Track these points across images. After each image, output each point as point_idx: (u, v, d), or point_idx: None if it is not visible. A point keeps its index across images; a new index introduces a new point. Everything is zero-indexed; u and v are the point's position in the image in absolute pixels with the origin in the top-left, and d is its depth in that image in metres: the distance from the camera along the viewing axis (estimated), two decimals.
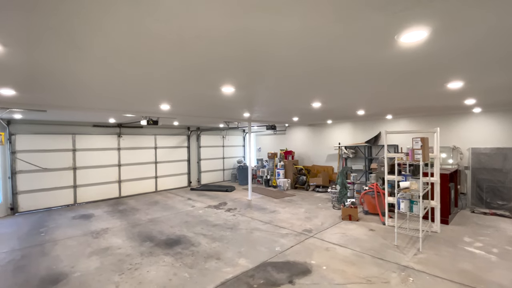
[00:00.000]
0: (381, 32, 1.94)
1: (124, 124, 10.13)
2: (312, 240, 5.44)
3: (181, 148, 12.18)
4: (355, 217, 6.68)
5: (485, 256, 4.59)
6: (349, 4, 1.56)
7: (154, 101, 4.99)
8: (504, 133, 7.31)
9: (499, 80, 3.66)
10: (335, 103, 5.67)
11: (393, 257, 4.58)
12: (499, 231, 5.74)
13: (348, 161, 10.64)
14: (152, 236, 5.90)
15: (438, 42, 2.14)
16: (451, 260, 4.45)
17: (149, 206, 8.71)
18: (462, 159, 7.89)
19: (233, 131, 14.33)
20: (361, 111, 7.33)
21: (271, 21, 1.78)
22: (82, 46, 2.15)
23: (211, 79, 3.30)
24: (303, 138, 12.58)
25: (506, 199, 6.95)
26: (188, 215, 7.50)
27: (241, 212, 7.67)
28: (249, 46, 2.21)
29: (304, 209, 7.92)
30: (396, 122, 9.45)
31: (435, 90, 4.34)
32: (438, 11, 1.65)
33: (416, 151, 4.77)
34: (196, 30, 1.89)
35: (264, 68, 2.88)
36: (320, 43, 2.16)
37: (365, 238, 5.48)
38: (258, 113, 7.38)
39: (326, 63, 2.74)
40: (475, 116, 7.79)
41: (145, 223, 6.86)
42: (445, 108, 6.82)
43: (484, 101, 5.71)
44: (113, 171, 10.10)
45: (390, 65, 2.82)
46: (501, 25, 1.88)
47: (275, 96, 4.67)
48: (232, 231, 6.08)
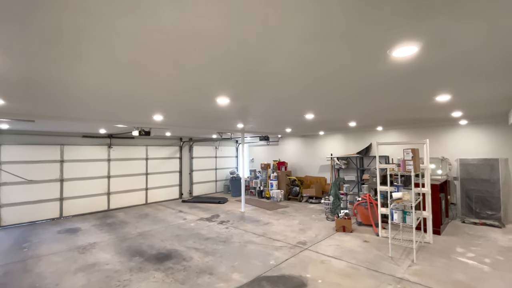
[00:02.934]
0: (375, 47, 2.00)
1: (115, 134, 9.96)
2: (307, 253, 5.36)
3: (173, 159, 12.02)
4: (349, 228, 6.66)
5: (478, 266, 4.62)
6: (345, 19, 1.61)
7: (147, 112, 4.95)
8: (490, 145, 7.55)
9: (484, 93, 3.81)
10: (328, 114, 5.75)
11: (388, 269, 4.55)
12: (490, 241, 5.82)
13: (341, 172, 10.72)
14: (142, 251, 5.69)
15: (427, 56, 2.23)
16: (445, 271, 4.46)
17: (139, 219, 8.46)
18: (451, 170, 8.06)
19: (226, 142, 14.28)
20: (352, 123, 7.46)
21: (268, 34, 1.81)
22: (77, 57, 2.13)
23: (207, 90, 3.30)
24: (296, 149, 12.64)
25: (494, 209, 7.09)
26: (180, 228, 7.31)
27: (234, 225, 7.54)
28: (246, 58, 2.23)
29: (297, 221, 7.85)
30: (387, 133, 9.64)
31: (425, 103, 4.47)
32: (427, 28, 1.72)
33: (407, 162, 4.85)
34: (193, 42, 1.90)
35: (260, 79, 2.90)
36: (315, 56, 2.21)
37: (359, 250, 5.45)
38: (252, 124, 7.41)
39: (321, 76, 2.80)
40: (462, 128, 8.04)
41: (134, 237, 6.64)
42: (434, 120, 7.02)
43: (470, 114, 5.91)
44: (102, 183, 9.83)
45: (382, 78, 2.89)
46: (486, 41, 1.97)
47: (269, 107, 4.70)
48: (225, 245, 5.94)
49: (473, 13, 1.57)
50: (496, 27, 1.75)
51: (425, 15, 1.56)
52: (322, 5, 1.46)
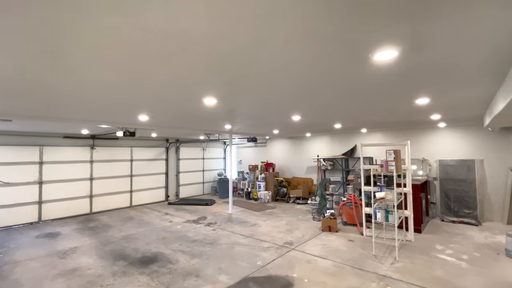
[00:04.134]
0: (357, 50, 2.07)
1: (98, 135, 9.68)
2: (294, 253, 5.41)
3: (159, 161, 11.81)
4: (334, 228, 6.78)
5: (456, 262, 4.82)
6: (328, 22, 1.66)
7: (132, 112, 4.85)
8: (467, 146, 7.92)
9: (460, 97, 4.01)
10: (314, 116, 5.85)
11: (371, 267, 4.67)
12: (467, 239, 6.09)
13: (327, 173, 10.90)
14: (126, 255, 5.55)
15: (406, 61, 2.32)
16: (425, 267, 4.62)
17: (123, 222, 8.25)
18: (430, 171, 8.39)
19: (213, 143, 14.20)
20: (338, 125, 7.62)
21: (253, 35, 1.83)
22: (57, 53, 2.07)
23: (194, 91, 3.29)
24: (284, 150, 12.75)
25: (471, 208, 7.44)
26: (166, 231, 7.19)
27: (222, 226, 7.50)
28: (232, 58, 2.25)
29: (285, 222, 7.91)
30: (371, 135, 9.91)
31: (405, 106, 4.64)
32: (406, 32, 1.80)
33: (389, 163, 5.01)
34: (180, 41, 1.90)
35: (247, 80, 2.93)
36: (300, 58, 2.25)
37: (344, 249, 5.56)
38: (240, 125, 7.41)
39: (306, 78, 2.85)
40: (441, 130, 8.39)
41: (118, 241, 6.46)
42: (415, 122, 7.29)
43: (448, 116, 6.19)
44: (84, 185, 9.51)
45: (364, 81, 2.99)
46: (460, 47, 2.08)
47: (257, 108, 4.73)
48: (212, 247, 5.89)
49: (449, 20, 1.66)
50: (469, 34, 1.86)
51: (404, 19, 1.64)
52: (304, 7, 1.50)
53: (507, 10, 1.56)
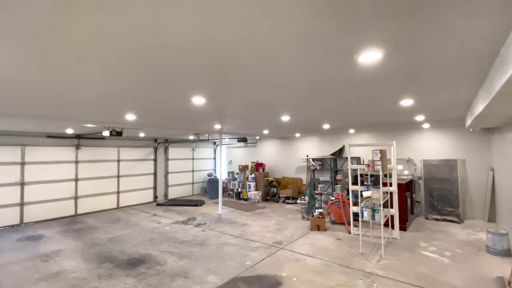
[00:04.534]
0: (343, 51, 2.11)
1: (83, 135, 9.43)
2: (283, 252, 5.44)
3: (147, 161, 11.62)
4: (323, 227, 6.86)
5: (439, 259, 4.98)
6: (314, 22, 1.69)
7: (118, 111, 4.75)
8: (450, 146, 8.20)
9: (443, 99, 4.15)
10: (302, 116, 5.91)
11: (358, 265, 4.76)
12: (450, 236, 6.30)
13: (316, 173, 11.02)
14: (112, 257, 5.43)
15: (390, 63, 2.39)
16: (410, 264, 4.75)
17: (109, 224, 8.07)
18: (415, 170, 8.63)
19: (203, 143, 14.09)
20: (326, 125, 7.72)
21: (238, 34, 1.84)
22: (37, 48, 2.01)
23: (181, 90, 3.26)
24: (274, 150, 12.80)
25: (454, 206, 7.69)
26: (154, 232, 7.08)
27: (211, 227, 7.45)
28: (219, 57, 2.25)
29: (274, 221, 7.95)
30: (358, 135, 10.10)
31: (391, 107, 4.76)
32: (387, 36, 1.86)
33: (376, 162, 5.12)
34: (164, 38, 1.88)
35: (235, 80, 2.93)
36: (286, 58, 2.28)
37: (332, 248, 5.64)
38: (229, 125, 7.39)
39: (293, 78, 2.88)
40: (425, 131, 8.65)
41: (104, 243, 6.32)
42: (400, 123, 7.48)
43: (432, 117, 6.39)
44: (68, 187, 9.24)
45: (351, 82, 3.05)
46: (441, 51, 2.16)
47: (246, 108, 4.74)
48: (201, 247, 5.85)
49: (429, 25, 1.72)
50: (448, 39, 1.93)
51: (386, 23, 1.68)
52: (289, 7, 1.52)
53: (479, 19, 1.63)
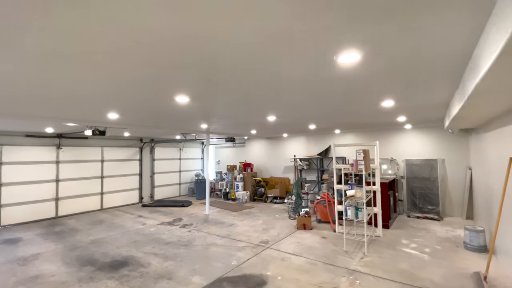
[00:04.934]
0: (323, 53, 2.15)
1: (64, 134, 9.14)
2: (269, 251, 5.47)
3: (132, 161, 11.38)
4: (309, 226, 6.94)
5: (419, 255, 5.14)
6: (293, 22, 1.71)
7: (100, 109, 4.63)
8: (431, 147, 8.49)
9: (422, 100, 4.29)
10: (288, 117, 5.96)
11: (342, 262, 4.84)
12: (430, 233, 6.52)
13: (303, 173, 11.14)
14: (94, 260, 5.29)
15: (368, 64, 2.45)
16: (391, 261, 4.88)
17: (92, 226, 7.85)
18: (398, 170, 8.88)
19: (191, 143, 13.94)
20: (312, 125, 7.82)
21: (218, 33, 1.84)
22: (9, 44, 1.94)
23: (164, 88, 3.22)
24: (262, 150, 12.84)
25: (434, 204, 7.97)
26: (138, 234, 6.95)
27: (198, 228, 7.39)
28: (202, 56, 2.24)
29: (261, 221, 7.97)
30: (344, 136, 10.29)
31: (373, 108, 4.88)
32: (364, 37, 1.91)
33: (359, 162, 5.24)
34: (148, 37, 1.85)
35: (218, 79, 2.92)
36: (268, 58, 2.30)
37: (318, 246, 5.71)
38: (216, 125, 7.36)
39: (276, 78, 2.91)
40: (407, 132, 8.91)
41: (86, 245, 6.14)
42: (384, 124, 7.68)
43: (412, 119, 6.59)
44: (49, 188, 8.92)
45: (332, 83, 3.11)
46: (414, 53, 2.24)
47: (232, 108, 4.73)
48: (186, 248, 5.79)
49: (404, 26, 1.78)
50: (422, 40, 2.00)
51: (365, 25, 1.73)
52: (268, 6, 1.53)
53: (451, 21, 1.70)
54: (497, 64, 1.71)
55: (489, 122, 5.13)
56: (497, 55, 1.56)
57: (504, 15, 1.39)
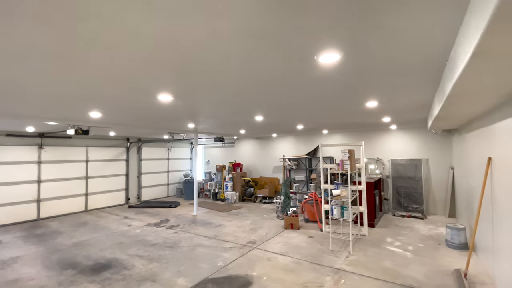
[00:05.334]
0: (303, 52, 2.15)
1: (47, 133, 8.85)
2: (255, 252, 5.45)
3: (119, 161, 11.14)
4: (296, 225, 6.97)
5: (402, 253, 5.24)
6: (268, 21, 1.69)
7: (80, 108, 4.50)
8: (415, 147, 8.68)
9: (404, 101, 4.37)
10: (274, 117, 5.96)
11: (328, 261, 4.88)
12: (414, 231, 6.66)
13: (292, 172, 11.19)
14: (75, 263, 5.14)
15: (349, 64, 2.47)
16: (376, 259, 4.96)
17: (75, 228, 7.63)
18: (384, 169, 9.04)
19: (179, 143, 13.77)
20: (300, 125, 7.85)
21: (201, 31, 1.81)
22: None
23: (145, 86, 3.15)
24: (251, 150, 12.82)
25: (418, 203, 8.15)
26: (123, 236, 6.80)
27: (184, 229, 7.30)
28: (182, 54, 2.20)
29: (250, 221, 7.95)
30: (332, 136, 10.40)
31: (357, 108, 4.94)
32: (344, 38, 1.92)
33: (345, 162, 5.29)
34: (124, 33, 1.80)
35: (202, 78, 2.88)
36: (248, 58, 2.28)
37: (304, 245, 5.74)
38: (204, 124, 7.29)
39: (259, 77, 2.89)
40: (393, 132, 9.09)
41: (68, 248, 5.96)
42: (370, 124, 7.80)
43: (397, 119, 6.72)
44: (30, 189, 8.62)
45: (314, 83, 3.12)
46: (392, 53, 2.27)
47: (217, 107, 4.69)
48: (172, 250, 5.70)
49: (380, 26, 1.80)
50: (400, 40, 2.03)
51: (342, 24, 1.73)
52: (244, 5, 1.51)
53: (426, 21, 1.73)
54: (470, 65, 1.74)
55: (470, 123, 5.29)
56: (470, 55, 1.59)
57: (477, 13, 1.40)
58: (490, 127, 3.95)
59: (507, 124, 3.21)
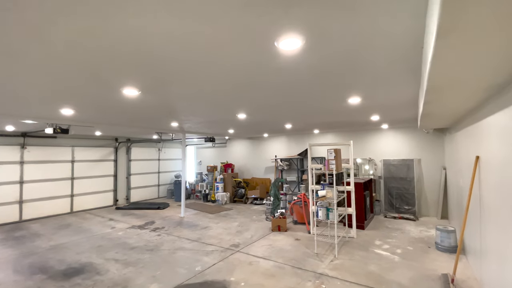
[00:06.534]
0: (261, 37, 1.95)
1: (29, 133, 8.61)
2: (238, 255, 5.23)
3: (107, 162, 10.90)
4: (283, 227, 6.76)
5: (390, 257, 5.03)
6: (228, 9, 1.49)
7: (48, 103, 4.24)
8: (407, 147, 8.48)
9: (387, 97, 4.17)
10: (257, 115, 5.73)
11: (311, 266, 4.66)
12: (404, 233, 6.46)
13: (284, 173, 10.98)
14: (47, 267, 4.90)
15: (313, 52, 2.24)
16: (361, 263, 4.74)
17: (57, 231, 7.39)
18: (376, 170, 8.84)
19: (171, 144, 13.54)
20: (288, 125, 7.64)
21: (158, 22, 1.60)
22: None
23: (106, 78, 2.93)
24: (243, 151, 12.60)
25: (410, 204, 7.95)
26: (104, 238, 6.56)
27: (169, 231, 7.06)
28: (143, 46, 1.99)
29: (237, 223, 7.73)
30: (323, 136, 10.20)
31: (340, 105, 4.71)
32: (306, 21, 1.71)
33: (330, 162, 5.08)
34: (88, 28, 1.59)
35: (164, 70, 2.67)
36: (205, 46, 2.07)
37: (289, 248, 5.52)
38: (189, 123, 7.07)
39: (223, 68, 2.69)
40: (385, 132, 8.89)
41: (43, 252, 5.72)
42: (360, 123, 7.60)
43: (387, 118, 6.52)
44: (12, 190, 8.37)
45: (283, 74, 2.91)
46: (363, 42, 2.07)
47: (191, 103, 4.48)
48: (151, 253, 5.47)
49: (343, 9, 1.59)
50: (367, 26, 1.83)
51: (303, 7, 1.53)
52: None
53: (394, 5, 1.53)
54: (437, 51, 1.54)
55: (459, 121, 5.10)
56: (435, 38, 1.39)
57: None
58: (477, 124, 3.76)
59: (493, 121, 3.01)
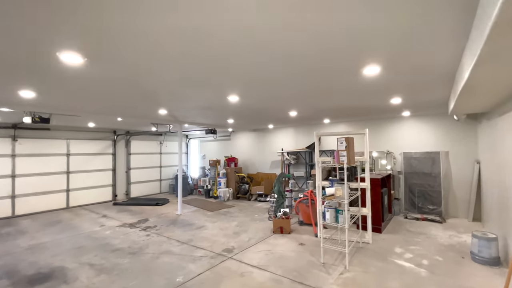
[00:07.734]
0: None
1: (21, 124, 8.17)
2: (229, 263, 4.45)
3: (105, 155, 10.41)
4: (286, 229, 5.91)
5: (414, 270, 4.09)
6: None
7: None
8: (433, 137, 7.35)
9: (416, 65, 3.19)
10: (250, 96, 4.85)
11: (315, 280, 3.81)
12: (430, 239, 5.45)
13: (291, 168, 10.08)
14: (15, 271, 4.33)
15: None
16: (378, 278, 3.84)
17: (43, 228, 6.90)
18: (395, 164, 7.77)
19: (173, 137, 12.93)
20: (293, 112, 6.69)
21: None
22: None
23: (32, 33, 2.16)
24: (248, 144, 11.79)
25: (436, 203, 6.88)
26: (89, 238, 5.98)
27: (160, 231, 6.39)
28: None
29: (236, 222, 6.96)
30: (334, 126, 9.18)
31: (349, 80, 3.78)
32: None
33: (341, 153, 4.16)
34: None
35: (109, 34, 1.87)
36: None
37: (291, 256, 4.68)
38: (179, 111, 6.31)
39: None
40: (406, 121, 7.78)
41: (20, 252, 5.19)
42: (377, 110, 6.55)
43: (410, 101, 5.46)
44: (3, 184, 7.99)
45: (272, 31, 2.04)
46: None
47: (164, 84, 3.68)
48: (133, 257, 4.80)
49: None
50: None
51: None
52: None
53: None
54: None
55: (505, 102, 4.01)
56: None
57: None
58: None
59: None
